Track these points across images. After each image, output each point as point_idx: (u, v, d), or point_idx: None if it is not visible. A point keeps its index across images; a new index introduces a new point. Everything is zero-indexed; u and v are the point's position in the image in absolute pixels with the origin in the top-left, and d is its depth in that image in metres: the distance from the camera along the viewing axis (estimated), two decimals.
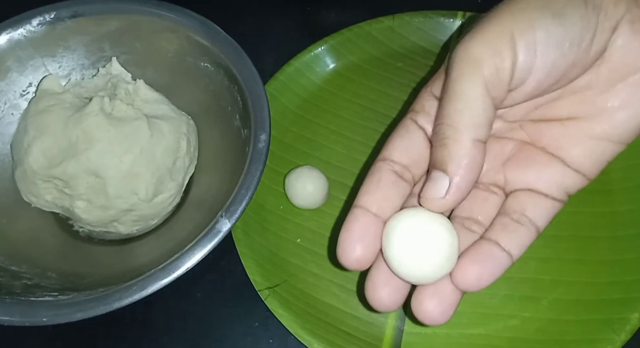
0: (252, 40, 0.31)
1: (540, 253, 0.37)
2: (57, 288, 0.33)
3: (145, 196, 0.35)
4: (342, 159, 0.42)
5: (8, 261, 0.34)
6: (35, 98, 0.37)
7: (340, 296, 0.36)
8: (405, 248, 0.23)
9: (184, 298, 0.37)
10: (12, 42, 0.38)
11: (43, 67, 0.39)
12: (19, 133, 0.36)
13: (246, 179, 0.33)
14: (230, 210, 0.32)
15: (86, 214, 0.35)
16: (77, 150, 0.34)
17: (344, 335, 0.35)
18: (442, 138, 0.22)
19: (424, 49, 0.46)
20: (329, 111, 0.44)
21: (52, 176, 0.35)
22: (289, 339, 0.35)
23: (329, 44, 0.46)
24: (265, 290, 0.36)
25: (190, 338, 0.36)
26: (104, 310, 0.29)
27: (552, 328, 0.35)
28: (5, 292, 0.31)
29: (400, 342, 0.35)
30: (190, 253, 0.31)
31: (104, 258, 0.37)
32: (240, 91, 0.36)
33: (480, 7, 0.47)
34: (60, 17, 0.38)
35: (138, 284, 0.30)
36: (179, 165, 0.37)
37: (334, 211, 0.40)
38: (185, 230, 0.35)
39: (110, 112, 0.35)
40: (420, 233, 0.23)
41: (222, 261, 0.38)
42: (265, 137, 0.34)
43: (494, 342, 0.34)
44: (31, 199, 0.37)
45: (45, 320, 0.29)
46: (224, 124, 0.38)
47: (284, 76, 0.44)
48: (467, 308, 0.36)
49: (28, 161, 0.35)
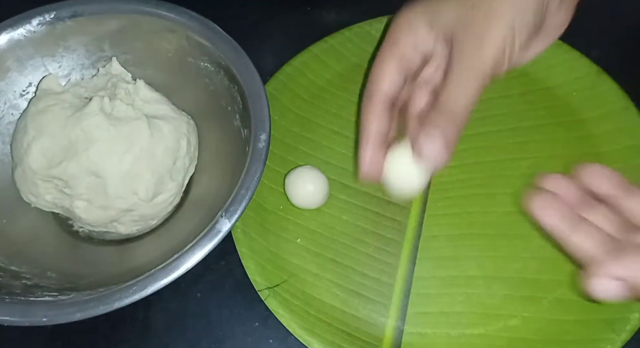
0: (252, 41, 0.31)
1: (540, 253, 0.37)
2: (57, 288, 0.33)
3: (145, 196, 0.35)
4: (342, 159, 0.42)
5: (8, 261, 0.34)
6: (35, 98, 0.37)
7: (340, 296, 0.36)
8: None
9: (184, 298, 0.37)
10: (12, 42, 0.38)
11: (43, 67, 0.39)
12: (19, 133, 0.36)
13: (246, 179, 0.33)
14: (230, 210, 0.32)
15: (86, 214, 0.35)
16: (77, 150, 0.34)
17: (344, 335, 0.35)
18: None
19: None
20: (329, 111, 0.44)
21: (51, 176, 0.35)
22: (288, 339, 0.35)
23: (329, 44, 0.46)
24: (265, 290, 0.36)
25: (190, 337, 0.36)
26: (104, 310, 0.29)
27: (553, 328, 0.35)
28: (5, 292, 0.31)
29: (400, 342, 0.35)
30: (190, 253, 0.31)
31: (104, 258, 0.37)
32: (240, 91, 0.36)
33: None
34: (60, 17, 0.38)
35: (138, 284, 0.30)
36: (179, 165, 0.37)
37: (334, 211, 0.40)
38: (185, 229, 0.35)
39: (110, 112, 0.35)
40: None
41: (222, 261, 0.38)
42: (265, 137, 0.34)
43: (494, 341, 0.35)
44: (31, 199, 0.37)
45: (45, 320, 0.29)
46: (224, 124, 0.38)
47: (284, 76, 0.44)
48: (468, 308, 0.36)
49: (28, 161, 0.34)
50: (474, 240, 0.38)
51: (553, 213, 0.27)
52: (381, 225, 0.39)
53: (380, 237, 0.39)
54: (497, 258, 0.37)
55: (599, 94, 0.42)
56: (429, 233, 0.39)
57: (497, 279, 0.37)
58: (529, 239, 0.38)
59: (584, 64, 0.43)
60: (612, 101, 0.42)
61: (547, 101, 0.43)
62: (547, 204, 0.27)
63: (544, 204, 0.27)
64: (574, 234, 0.27)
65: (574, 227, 0.27)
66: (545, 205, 0.27)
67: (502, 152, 0.41)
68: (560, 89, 0.43)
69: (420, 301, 0.36)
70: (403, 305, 0.36)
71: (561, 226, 0.27)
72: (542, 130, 0.42)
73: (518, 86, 0.44)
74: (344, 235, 0.39)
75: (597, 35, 0.46)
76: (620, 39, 0.47)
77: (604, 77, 0.42)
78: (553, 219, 0.27)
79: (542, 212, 0.27)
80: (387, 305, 0.36)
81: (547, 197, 0.28)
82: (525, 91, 0.44)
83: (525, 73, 0.44)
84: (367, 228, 0.39)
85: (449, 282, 0.37)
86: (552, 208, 0.27)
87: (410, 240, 0.38)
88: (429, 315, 0.36)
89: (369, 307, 0.36)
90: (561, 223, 0.27)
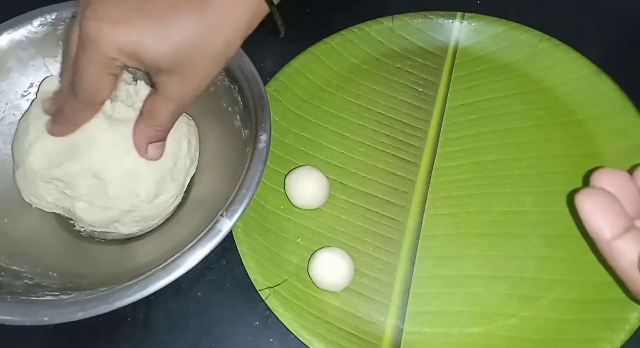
0: (252, 41, 0.31)
1: (539, 252, 0.37)
2: (58, 287, 0.33)
3: (146, 197, 0.35)
4: (342, 159, 0.42)
5: (9, 261, 0.34)
6: (37, 99, 0.37)
7: (340, 296, 0.37)
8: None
9: (184, 297, 0.37)
10: (14, 43, 0.38)
11: (44, 67, 0.40)
12: (21, 133, 0.36)
13: (247, 180, 0.33)
14: (230, 210, 0.32)
15: (87, 215, 0.35)
16: (78, 151, 0.34)
17: (344, 334, 0.35)
18: None
19: (423, 50, 0.47)
20: (329, 111, 0.44)
21: (52, 177, 0.35)
22: (289, 338, 0.35)
23: (328, 45, 0.46)
24: (266, 289, 0.36)
25: (191, 337, 0.36)
26: (105, 309, 0.29)
27: (551, 327, 0.35)
28: (6, 292, 0.31)
29: (400, 341, 0.35)
30: (191, 252, 0.31)
31: (105, 258, 0.37)
32: (241, 92, 0.36)
33: (480, 8, 0.47)
34: (61, 17, 0.38)
35: (139, 283, 0.30)
36: (179, 166, 0.37)
37: (334, 211, 0.40)
38: (186, 229, 0.35)
39: (111, 114, 0.35)
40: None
41: (222, 260, 0.38)
42: (265, 137, 0.34)
43: (493, 341, 0.35)
44: (32, 200, 0.37)
45: (46, 319, 0.29)
46: (225, 124, 0.38)
47: (284, 77, 0.44)
48: (467, 307, 0.36)
49: (29, 162, 0.35)
50: (473, 240, 0.38)
51: (602, 215, 0.25)
52: (381, 224, 0.39)
53: (379, 237, 0.39)
54: (496, 257, 0.37)
55: (598, 94, 0.42)
56: (429, 232, 0.39)
57: (496, 278, 0.37)
58: (528, 239, 0.38)
59: (583, 64, 0.43)
60: (611, 101, 0.42)
61: (546, 101, 0.43)
62: (598, 205, 0.25)
63: (595, 204, 0.25)
64: (620, 240, 0.25)
65: (621, 232, 0.25)
66: (596, 205, 0.25)
67: (501, 152, 0.41)
68: (559, 89, 0.44)
69: (420, 300, 0.36)
70: (403, 304, 0.36)
71: (607, 230, 0.25)
72: (541, 130, 0.42)
73: (517, 86, 0.44)
74: (343, 235, 0.39)
75: (596, 35, 0.47)
76: (619, 39, 0.47)
77: (603, 77, 0.43)
78: (601, 221, 0.25)
79: (590, 212, 0.25)
80: (386, 304, 0.36)
81: (599, 196, 0.25)
82: (524, 91, 0.44)
83: (524, 73, 0.45)
84: (367, 227, 0.39)
85: (448, 281, 0.37)
86: (603, 209, 0.25)
87: (409, 239, 0.38)
88: (429, 314, 0.36)
89: (369, 306, 0.36)
90: (608, 227, 0.25)
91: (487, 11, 0.47)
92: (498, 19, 0.46)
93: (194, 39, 0.28)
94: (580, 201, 0.26)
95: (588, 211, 0.25)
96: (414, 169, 0.41)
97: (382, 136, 0.43)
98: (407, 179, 0.41)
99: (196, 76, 0.30)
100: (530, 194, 0.39)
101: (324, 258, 0.36)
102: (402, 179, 0.41)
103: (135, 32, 0.28)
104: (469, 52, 0.46)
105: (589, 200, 0.25)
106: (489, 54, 0.46)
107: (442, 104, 0.44)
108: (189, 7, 0.28)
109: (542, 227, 0.38)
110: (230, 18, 0.29)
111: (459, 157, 0.41)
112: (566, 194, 0.39)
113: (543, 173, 0.40)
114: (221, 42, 0.29)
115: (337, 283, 0.36)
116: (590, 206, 0.25)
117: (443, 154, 0.42)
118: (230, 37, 0.29)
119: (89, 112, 0.33)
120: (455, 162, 0.41)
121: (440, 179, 0.41)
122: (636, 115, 0.41)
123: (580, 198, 0.26)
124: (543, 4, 0.49)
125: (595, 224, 0.25)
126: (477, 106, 0.44)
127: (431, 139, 0.42)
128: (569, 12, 0.48)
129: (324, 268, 0.35)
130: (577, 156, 0.41)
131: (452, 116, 0.43)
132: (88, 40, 0.28)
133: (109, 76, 0.30)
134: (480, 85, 0.45)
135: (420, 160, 0.42)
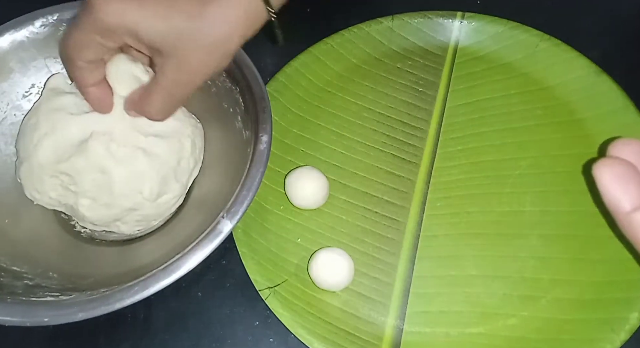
0: (252, 41, 0.31)
1: (539, 252, 0.37)
2: (58, 288, 0.33)
3: (149, 195, 0.35)
4: (342, 159, 0.42)
5: (10, 262, 0.34)
6: (45, 96, 0.37)
7: (340, 296, 0.37)
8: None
9: (185, 297, 0.37)
10: (15, 44, 0.38)
11: (46, 68, 0.40)
12: (28, 129, 0.36)
13: (247, 181, 0.33)
14: (231, 211, 0.32)
15: (90, 212, 0.35)
16: (86, 147, 0.34)
17: (344, 335, 0.35)
18: None
19: (423, 49, 0.47)
20: (329, 111, 0.44)
21: (59, 171, 0.35)
22: (289, 338, 0.35)
23: (328, 44, 0.46)
24: (266, 289, 0.36)
25: (191, 337, 0.36)
26: (105, 310, 0.29)
27: (551, 327, 0.35)
28: (6, 292, 0.31)
29: (400, 341, 0.35)
30: (192, 253, 0.31)
31: (106, 259, 0.37)
32: (242, 93, 0.37)
33: (480, 7, 0.47)
34: (63, 18, 0.38)
35: (139, 284, 0.30)
36: (183, 166, 0.37)
37: (334, 211, 0.40)
38: (186, 230, 0.35)
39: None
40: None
41: (222, 261, 0.39)
42: (266, 138, 0.34)
43: (493, 341, 0.35)
44: (35, 196, 0.36)
45: (46, 320, 0.29)
46: (226, 125, 0.38)
47: (284, 77, 0.44)
48: (466, 307, 0.36)
49: (37, 156, 0.34)
50: (473, 240, 0.38)
51: (621, 186, 0.23)
52: (381, 224, 0.39)
53: (379, 237, 0.39)
54: (496, 257, 0.37)
55: (598, 93, 0.42)
56: (428, 232, 0.39)
57: (496, 278, 0.37)
58: (528, 239, 0.38)
59: (583, 63, 0.43)
60: (611, 100, 0.42)
61: (546, 100, 0.43)
62: (617, 175, 0.23)
63: (614, 175, 0.23)
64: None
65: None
66: (615, 176, 0.23)
67: (501, 152, 0.41)
68: (559, 88, 0.44)
69: (420, 300, 0.36)
70: (402, 304, 0.36)
71: (627, 202, 0.23)
72: (541, 130, 0.42)
73: (517, 85, 0.44)
74: (343, 235, 0.39)
75: (596, 35, 0.47)
76: (620, 39, 0.47)
77: (603, 77, 0.43)
78: (620, 192, 0.23)
79: (609, 183, 0.24)
80: (386, 304, 0.36)
81: (619, 166, 0.24)
82: (524, 90, 0.44)
83: (524, 73, 0.45)
84: (367, 227, 0.39)
85: (448, 281, 0.37)
86: (623, 179, 0.23)
87: (409, 239, 0.39)
88: (429, 314, 0.36)
89: (369, 306, 0.36)
90: (627, 198, 0.23)
91: (487, 11, 0.47)
92: (498, 19, 0.46)
93: (192, 25, 0.29)
94: (598, 171, 0.24)
95: (607, 182, 0.24)
96: (413, 169, 0.41)
97: (382, 136, 0.43)
98: (407, 179, 0.41)
99: (190, 65, 0.30)
100: (530, 194, 0.40)
101: (324, 258, 0.36)
102: (402, 179, 0.41)
103: (138, 11, 0.29)
104: (469, 51, 0.46)
105: (608, 170, 0.24)
106: (489, 54, 0.46)
107: (442, 104, 0.44)
108: None
109: (542, 227, 0.38)
110: (230, 13, 0.30)
111: (459, 157, 0.41)
112: (566, 194, 0.39)
113: (543, 173, 0.40)
114: (218, 34, 0.30)
115: (337, 283, 0.36)
116: (609, 177, 0.24)
117: (443, 154, 0.42)
118: (227, 31, 0.30)
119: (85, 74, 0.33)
120: (455, 162, 0.41)
121: (440, 179, 0.41)
122: (636, 115, 0.41)
123: (598, 168, 0.24)
124: (543, 4, 0.49)
125: (614, 195, 0.24)
126: (477, 105, 0.44)
127: (431, 139, 0.42)
128: (569, 12, 0.48)
129: (324, 268, 0.35)
130: (577, 156, 0.41)
131: (452, 116, 0.43)
132: (91, 5, 0.29)
133: (98, 44, 0.31)
134: (480, 85, 0.45)
135: (420, 160, 0.42)
